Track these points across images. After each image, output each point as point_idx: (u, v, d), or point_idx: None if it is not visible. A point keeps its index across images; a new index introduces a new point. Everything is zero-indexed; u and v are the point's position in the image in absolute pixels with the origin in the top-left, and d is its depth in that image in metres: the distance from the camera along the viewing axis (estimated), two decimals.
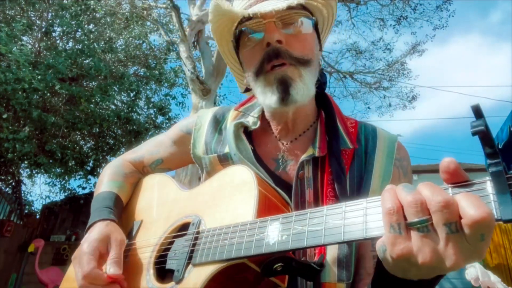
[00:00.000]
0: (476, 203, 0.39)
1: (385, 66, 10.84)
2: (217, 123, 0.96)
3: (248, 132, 0.89)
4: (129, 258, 0.83)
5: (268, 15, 0.78)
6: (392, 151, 0.85)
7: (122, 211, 0.97)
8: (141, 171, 1.06)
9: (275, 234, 0.56)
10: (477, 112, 0.42)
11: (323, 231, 0.51)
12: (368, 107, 11.56)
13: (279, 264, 0.59)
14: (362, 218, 0.48)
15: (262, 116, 0.92)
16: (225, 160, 0.86)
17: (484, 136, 0.41)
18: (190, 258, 0.67)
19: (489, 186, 0.41)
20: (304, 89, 0.78)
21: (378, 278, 0.54)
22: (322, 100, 0.91)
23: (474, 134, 0.42)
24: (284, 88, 0.77)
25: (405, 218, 0.43)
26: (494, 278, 5.25)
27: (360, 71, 11.07)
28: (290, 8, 0.79)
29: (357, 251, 0.78)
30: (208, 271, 0.61)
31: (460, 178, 0.44)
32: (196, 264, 0.65)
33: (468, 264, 0.42)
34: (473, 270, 5.28)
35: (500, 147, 4.38)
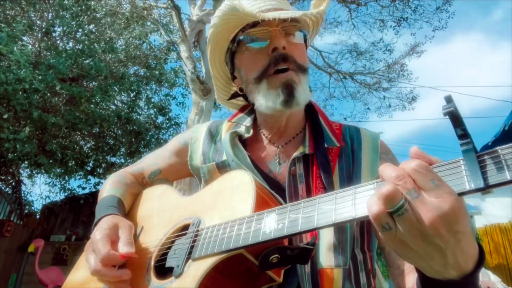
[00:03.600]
0: (393, 168, 0.46)
1: (385, 67, 10.86)
2: (212, 136, 1.03)
3: (242, 141, 0.95)
4: (129, 261, 0.84)
5: (273, 23, 0.86)
6: (376, 147, 0.92)
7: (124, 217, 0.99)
8: (140, 182, 1.11)
9: (272, 224, 0.59)
10: (449, 99, 0.47)
11: (316, 216, 0.54)
12: (368, 108, 11.57)
13: (275, 256, 0.62)
14: (351, 201, 0.52)
15: (253, 125, 0.99)
16: (223, 168, 0.92)
17: (454, 117, 0.46)
18: (189, 254, 0.69)
19: (462, 164, 0.46)
20: (304, 93, 0.86)
21: (422, 284, 0.53)
22: (308, 106, 0.98)
23: (445, 114, 0.46)
24: (289, 92, 0.84)
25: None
26: (494, 278, 5.25)
27: (360, 71, 11.09)
28: (291, 19, 0.87)
29: (352, 236, 0.80)
30: (207, 263, 0.63)
31: (429, 162, 0.47)
32: (196, 258, 0.67)
33: (447, 226, 0.43)
34: None
35: (489, 143, 4.48)
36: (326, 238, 0.77)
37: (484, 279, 5.22)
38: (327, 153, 0.86)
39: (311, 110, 0.98)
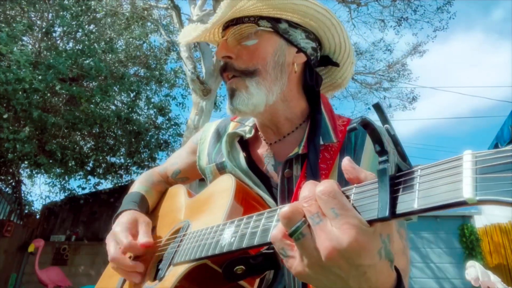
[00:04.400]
0: (308, 187, 0.43)
1: (386, 67, 10.86)
2: (219, 135, 1.03)
3: (244, 141, 0.95)
4: (141, 258, 0.89)
5: (226, 33, 0.87)
6: None
7: (148, 215, 1.04)
8: (166, 181, 1.17)
9: (228, 236, 0.58)
10: (377, 108, 0.43)
11: (258, 232, 0.53)
12: (369, 108, 11.57)
13: (239, 267, 0.61)
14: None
15: (256, 125, 0.98)
16: (222, 169, 0.92)
17: (370, 133, 0.43)
18: (173, 258, 0.72)
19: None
20: (248, 99, 0.83)
21: None
22: (315, 100, 0.94)
23: (348, 131, 0.44)
24: (230, 98, 0.85)
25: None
26: (494, 278, 5.25)
27: (361, 71, 11.09)
28: (241, 23, 0.85)
29: None
30: (180, 270, 0.66)
31: (356, 180, 0.44)
32: (175, 264, 0.70)
33: (352, 251, 0.40)
34: (473, 270, 5.28)
35: (500, 147, 4.40)
36: None
37: (484, 279, 5.21)
38: (319, 153, 0.82)
39: (316, 105, 0.93)
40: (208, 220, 0.72)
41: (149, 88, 9.11)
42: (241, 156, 0.89)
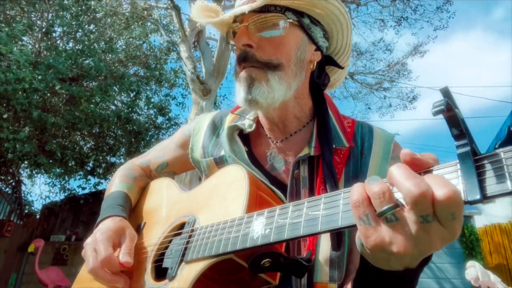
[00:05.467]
0: (441, 183, 0.39)
1: (386, 67, 10.86)
2: (215, 128, 0.98)
3: (245, 135, 0.90)
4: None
5: (245, 18, 0.81)
6: (387, 152, 0.84)
7: (130, 212, 0.99)
8: (148, 175, 1.10)
9: (260, 228, 0.56)
10: (445, 93, 0.41)
11: (302, 223, 0.51)
12: (369, 108, 11.58)
13: (266, 260, 0.60)
14: (339, 208, 0.48)
15: (257, 118, 0.94)
16: (221, 163, 0.88)
17: (448, 116, 0.41)
18: (183, 255, 0.68)
19: (458, 169, 0.41)
20: (268, 92, 0.79)
21: (364, 273, 0.54)
22: (318, 100, 0.92)
23: (434, 114, 0.41)
24: (248, 89, 0.79)
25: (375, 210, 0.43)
26: (494, 278, 5.24)
27: (361, 72, 11.09)
28: (267, 11, 0.80)
29: (349, 250, 0.77)
30: (198, 267, 0.62)
31: (423, 166, 0.43)
32: (188, 261, 0.66)
33: (444, 246, 0.42)
34: (473, 270, 5.28)
35: (496, 146, 4.38)
36: (324, 251, 0.73)
37: (484, 279, 5.21)
38: (332, 156, 0.79)
39: (321, 103, 0.90)
40: (221, 213, 0.68)
41: (149, 88, 9.11)
42: (243, 150, 0.85)
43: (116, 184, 1.01)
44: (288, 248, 0.73)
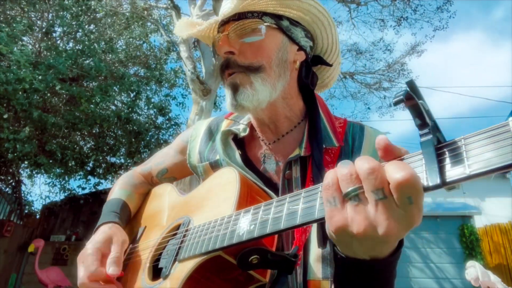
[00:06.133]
0: (400, 166, 0.41)
1: (385, 67, 10.86)
2: (211, 133, 1.01)
3: (240, 139, 0.93)
4: (130, 260, 0.89)
5: (225, 28, 0.85)
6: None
7: (132, 218, 1.04)
8: (150, 182, 1.14)
9: (246, 225, 0.58)
10: (410, 85, 0.44)
11: (283, 216, 0.53)
12: (368, 108, 11.58)
13: (254, 257, 0.61)
14: (316, 201, 0.50)
15: (251, 122, 0.96)
16: (216, 167, 0.91)
17: (409, 106, 0.43)
18: (177, 255, 0.70)
19: (422, 158, 0.43)
20: (253, 95, 0.81)
21: (336, 266, 0.56)
22: (310, 99, 0.93)
23: (395, 104, 0.43)
24: (233, 94, 0.82)
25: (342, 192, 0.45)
26: (494, 278, 5.25)
27: (360, 71, 11.09)
28: (244, 18, 0.83)
29: None
30: (189, 265, 0.64)
31: (394, 155, 0.45)
32: (181, 260, 0.68)
33: (403, 232, 0.43)
34: (473, 270, 5.29)
35: None
36: (315, 249, 0.74)
37: (484, 279, 5.22)
38: (323, 155, 0.81)
39: (313, 104, 0.92)
40: (213, 213, 0.70)
41: (149, 88, 9.11)
42: (237, 154, 0.87)
43: (115, 192, 1.05)
44: (282, 246, 0.74)
